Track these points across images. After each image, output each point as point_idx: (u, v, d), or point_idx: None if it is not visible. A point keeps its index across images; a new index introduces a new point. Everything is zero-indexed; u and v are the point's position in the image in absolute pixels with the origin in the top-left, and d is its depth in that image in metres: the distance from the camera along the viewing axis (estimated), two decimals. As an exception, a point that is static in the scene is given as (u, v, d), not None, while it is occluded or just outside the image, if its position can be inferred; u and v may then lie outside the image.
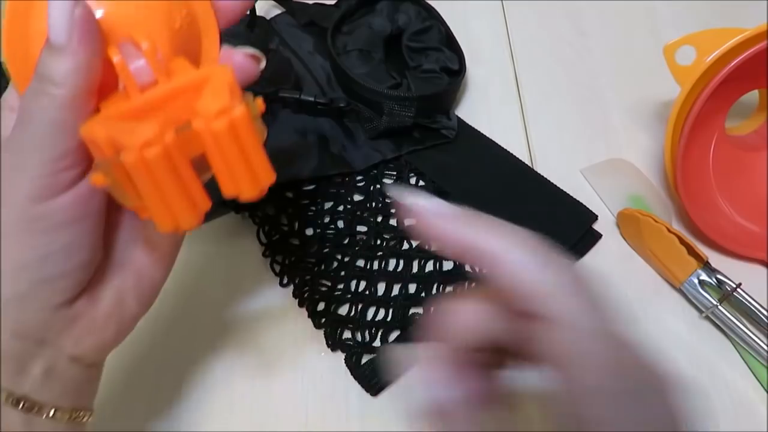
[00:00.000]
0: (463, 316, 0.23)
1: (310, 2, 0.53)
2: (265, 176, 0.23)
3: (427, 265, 0.42)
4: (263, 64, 0.27)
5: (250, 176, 0.22)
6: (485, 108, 0.50)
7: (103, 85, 0.23)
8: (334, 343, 0.39)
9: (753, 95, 0.45)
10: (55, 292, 0.25)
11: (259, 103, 0.23)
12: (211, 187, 0.23)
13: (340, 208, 0.45)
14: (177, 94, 0.23)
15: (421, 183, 0.46)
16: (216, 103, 0.21)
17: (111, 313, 0.27)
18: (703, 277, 0.40)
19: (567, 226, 0.44)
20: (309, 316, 0.41)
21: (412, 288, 0.41)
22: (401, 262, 0.42)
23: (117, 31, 0.23)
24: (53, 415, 0.26)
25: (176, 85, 0.23)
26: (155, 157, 0.20)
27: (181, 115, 0.22)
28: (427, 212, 0.22)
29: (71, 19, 0.22)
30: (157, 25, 0.24)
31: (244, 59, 0.27)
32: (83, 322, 0.26)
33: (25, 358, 0.25)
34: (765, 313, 0.39)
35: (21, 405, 0.25)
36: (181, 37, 0.25)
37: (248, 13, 0.50)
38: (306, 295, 0.41)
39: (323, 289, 0.42)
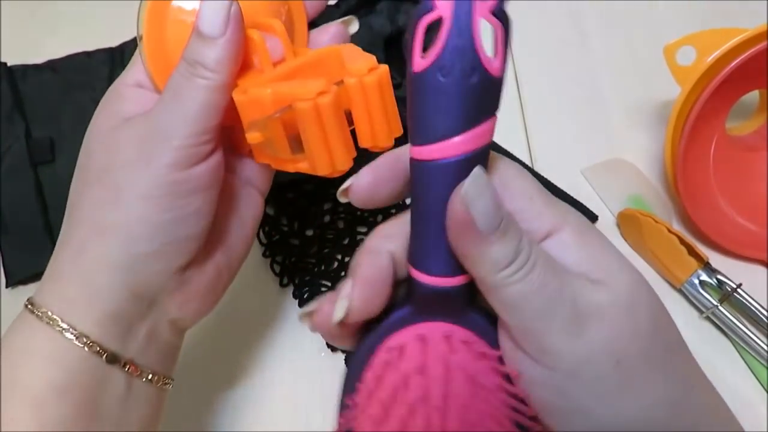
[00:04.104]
0: None
1: (311, 2, 0.53)
2: (397, 129, 0.27)
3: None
4: (355, 26, 0.32)
5: (387, 128, 0.26)
6: (485, 108, 0.50)
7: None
8: (334, 343, 0.39)
9: (753, 95, 0.45)
10: (180, 254, 0.27)
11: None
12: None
13: (341, 208, 0.45)
14: (303, 69, 0.27)
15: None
16: (365, 63, 0.25)
17: (212, 282, 0.30)
18: (704, 277, 0.40)
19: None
20: (309, 317, 0.41)
21: (412, 288, 0.41)
22: (401, 262, 0.42)
23: (246, 22, 0.27)
24: (150, 379, 0.28)
25: (302, 61, 0.27)
26: (327, 105, 0.23)
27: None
28: None
29: (227, 15, 0.25)
30: (271, 17, 0.28)
31: (336, 29, 0.31)
32: (190, 289, 0.29)
33: (135, 319, 0.27)
34: (765, 313, 0.39)
35: (127, 368, 0.27)
36: (286, 27, 0.29)
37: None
38: (306, 295, 0.41)
39: (323, 289, 0.41)
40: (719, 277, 0.40)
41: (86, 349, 0.26)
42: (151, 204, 0.26)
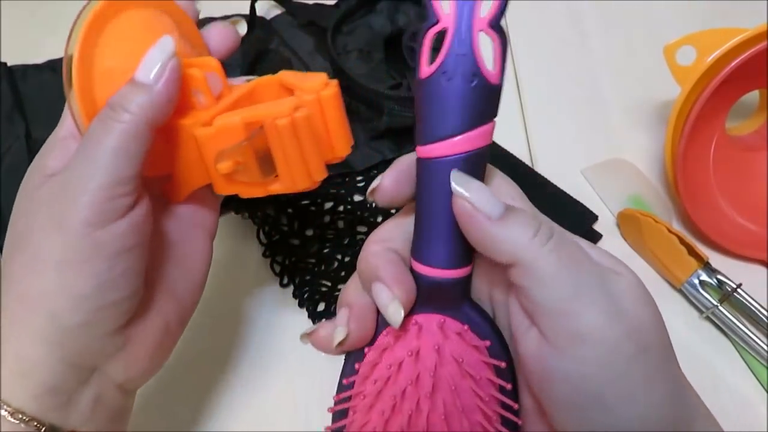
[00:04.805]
0: None
1: (310, 2, 0.53)
2: (350, 139, 0.28)
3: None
4: (243, 27, 0.30)
5: (344, 138, 0.27)
6: (485, 108, 0.50)
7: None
8: (334, 343, 0.39)
9: (753, 95, 0.45)
10: (112, 318, 0.25)
11: None
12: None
13: (340, 208, 0.45)
14: (242, 100, 0.28)
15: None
16: (318, 80, 0.26)
17: (159, 337, 0.28)
18: (704, 277, 0.40)
19: (567, 226, 0.43)
20: (309, 317, 0.41)
21: (412, 288, 0.41)
22: (401, 262, 0.42)
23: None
24: None
25: (240, 93, 0.28)
26: (303, 118, 0.25)
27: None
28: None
29: (164, 65, 0.25)
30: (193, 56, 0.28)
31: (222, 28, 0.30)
32: (135, 348, 0.27)
33: (76, 388, 0.25)
34: (765, 313, 0.39)
35: None
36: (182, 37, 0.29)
37: (248, 13, 0.50)
38: (306, 295, 0.41)
39: (323, 289, 0.41)
40: (719, 277, 0.40)
41: (22, 425, 0.23)
42: (70, 272, 0.24)
